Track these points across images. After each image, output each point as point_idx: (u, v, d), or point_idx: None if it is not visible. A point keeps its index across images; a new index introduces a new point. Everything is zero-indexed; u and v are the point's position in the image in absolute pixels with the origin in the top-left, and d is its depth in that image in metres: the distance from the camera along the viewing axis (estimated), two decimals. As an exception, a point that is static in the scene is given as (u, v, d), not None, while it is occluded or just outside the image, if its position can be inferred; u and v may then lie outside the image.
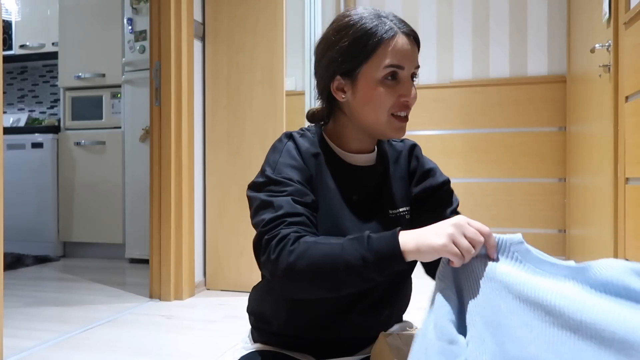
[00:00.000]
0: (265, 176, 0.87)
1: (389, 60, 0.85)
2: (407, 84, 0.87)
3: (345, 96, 0.90)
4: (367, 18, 0.87)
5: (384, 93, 0.86)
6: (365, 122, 0.89)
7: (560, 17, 3.50)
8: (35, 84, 4.61)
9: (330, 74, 0.90)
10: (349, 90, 0.89)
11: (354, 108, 0.90)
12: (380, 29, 0.85)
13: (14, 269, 3.24)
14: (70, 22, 3.67)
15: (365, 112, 0.88)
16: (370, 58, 0.85)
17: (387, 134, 0.90)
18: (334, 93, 0.91)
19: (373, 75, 0.86)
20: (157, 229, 2.48)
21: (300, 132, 0.95)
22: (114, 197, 3.55)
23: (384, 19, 0.87)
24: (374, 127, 0.89)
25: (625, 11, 2.17)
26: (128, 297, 2.51)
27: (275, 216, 0.80)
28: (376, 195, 0.94)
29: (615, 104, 2.26)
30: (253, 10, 2.58)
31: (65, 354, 1.74)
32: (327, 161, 0.92)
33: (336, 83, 0.90)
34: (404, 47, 0.86)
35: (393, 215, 0.94)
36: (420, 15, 3.77)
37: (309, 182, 0.88)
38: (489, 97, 3.59)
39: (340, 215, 0.90)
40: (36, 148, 3.73)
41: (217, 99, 2.64)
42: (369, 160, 0.96)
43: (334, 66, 0.89)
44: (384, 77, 0.86)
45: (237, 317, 2.16)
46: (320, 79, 0.93)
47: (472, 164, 3.59)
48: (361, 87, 0.87)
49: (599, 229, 2.56)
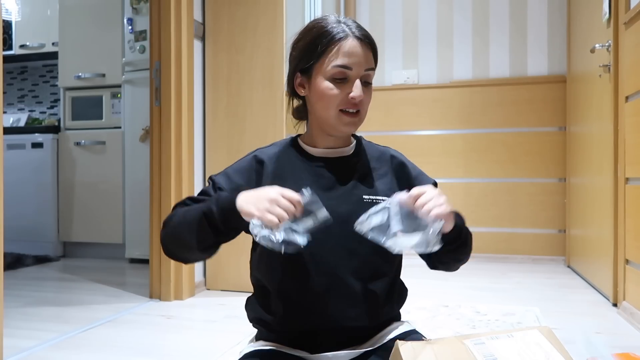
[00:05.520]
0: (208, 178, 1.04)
1: (337, 61, 0.93)
2: (354, 84, 0.94)
3: (304, 92, 1.00)
4: (327, 22, 0.96)
5: (332, 90, 0.94)
6: (319, 116, 0.98)
7: (560, 17, 3.50)
8: (35, 84, 4.61)
9: (292, 70, 1.01)
10: (306, 86, 0.99)
11: (311, 103, 0.99)
12: (334, 31, 0.94)
13: (14, 269, 3.24)
14: (70, 22, 3.67)
15: (319, 107, 0.97)
16: (321, 57, 0.95)
17: (337, 128, 0.97)
18: (296, 88, 1.01)
19: (324, 72, 0.94)
20: (157, 229, 2.48)
21: (269, 145, 1.07)
22: (114, 197, 3.55)
23: (342, 24, 0.96)
24: (326, 121, 0.97)
25: (625, 11, 2.17)
26: (128, 297, 2.51)
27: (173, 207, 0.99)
28: (348, 182, 0.99)
29: (615, 104, 2.26)
30: (253, 10, 2.58)
31: (65, 354, 1.74)
32: (296, 157, 1.02)
33: (297, 80, 1.00)
34: (353, 50, 0.93)
35: (368, 200, 0.97)
36: (420, 15, 3.77)
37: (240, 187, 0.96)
38: (489, 97, 3.59)
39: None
40: (36, 148, 3.73)
41: (217, 99, 2.64)
42: (341, 152, 1.03)
43: (295, 63, 1.00)
44: (332, 75, 0.94)
45: (237, 317, 2.16)
46: (287, 75, 1.04)
47: (472, 164, 3.59)
48: (314, 83, 0.96)
49: (599, 229, 2.56)
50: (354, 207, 0.94)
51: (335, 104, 0.94)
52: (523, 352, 0.76)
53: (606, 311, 2.23)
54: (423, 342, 0.77)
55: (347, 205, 0.95)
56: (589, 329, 1.98)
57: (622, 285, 2.17)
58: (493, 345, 0.77)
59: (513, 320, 2.07)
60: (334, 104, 0.94)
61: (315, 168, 1.00)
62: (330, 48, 0.94)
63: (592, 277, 2.69)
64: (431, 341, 0.78)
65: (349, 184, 0.99)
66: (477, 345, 0.77)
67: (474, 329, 1.95)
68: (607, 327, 2.01)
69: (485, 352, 0.75)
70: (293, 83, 1.01)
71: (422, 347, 0.76)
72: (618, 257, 2.23)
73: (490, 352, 0.75)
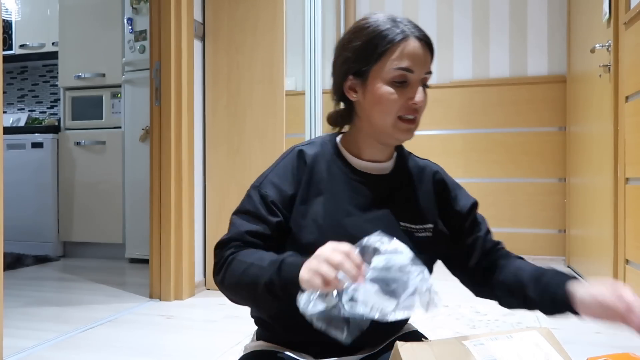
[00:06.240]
0: (252, 187, 0.94)
1: (398, 63, 0.86)
2: (415, 88, 0.88)
3: (357, 96, 0.92)
4: (381, 21, 0.90)
5: (392, 94, 0.87)
6: (373, 123, 0.90)
7: (560, 17, 3.50)
8: (35, 84, 4.61)
9: (344, 73, 0.92)
10: (360, 90, 0.91)
11: (364, 108, 0.91)
12: (393, 31, 0.87)
13: (14, 269, 3.24)
14: (70, 22, 3.67)
15: (374, 113, 0.89)
16: (380, 59, 0.87)
17: (394, 136, 0.90)
18: (346, 92, 0.93)
19: (382, 76, 0.87)
20: (157, 229, 2.48)
21: (308, 142, 0.97)
22: (114, 197, 3.55)
23: (398, 22, 0.89)
24: (381, 128, 0.90)
25: (625, 11, 2.17)
26: (128, 297, 2.51)
27: (224, 239, 0.90)
28: (387, 204, 0.93)
29: (615, 104, 2.26)
30: (253, 10, 2.58)
31: (65, 354, 1.74)
32: (337, 166, 0.94)
33: (349, 83, 0.92)
34: (415, 51, 0.87)
35: (404, 228, 0.93)
36: (420, 15, 3.76)
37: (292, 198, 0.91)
38: (489, 97, 3.59)
39: (347, 220, 0.90)
40: (36, 148, 3.73)
41: (217, 98, 2.64)
42: (382, 169, 0.96)
43: (347, 65, 0.91)
44: (392, 79, 0.87)
45: (237, 317, 2.16)
46: (335, 78, 0.96)
47: (472, 164, 3.59)
48: (371, 87, 0.89)
49: (599, 229, 2.55)
50: (389, 233, 0.88)
51: (395, 110, 0.88)
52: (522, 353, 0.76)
53: (606, 311, 2.23)
54: (423, 343, 0.77)
55: (382, 230, 0.89)
56: (589, 329, 1.98)
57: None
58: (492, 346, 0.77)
59: (513, 320, 2.07)
60: (393, 110, 0.88)
61: (354, 183, 0.93)
62: (392, 49, 0.87)
63: (592, 277, 2.69)
64: (431, 342, 0.78)
65: (386, 206, 0.93)
66: (476, 346, 0.77)
67: (473, 329, 1.95)
68: (607, 327, 2.01)
69: (485, 353, 0.75)
70: (342, 86, 0.93)
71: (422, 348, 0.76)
72: (618, 257, 2.23)
73: (490, 353, 0.75)
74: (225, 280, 0.86)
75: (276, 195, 0.90)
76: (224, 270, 0.86)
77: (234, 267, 0.84)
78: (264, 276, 0.79)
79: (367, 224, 0.90)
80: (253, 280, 0.80)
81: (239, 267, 0.84)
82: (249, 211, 0.91)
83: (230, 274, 0.85)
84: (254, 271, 0.81)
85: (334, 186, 0.92)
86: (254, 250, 0.86)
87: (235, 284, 0.85)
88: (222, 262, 0.87)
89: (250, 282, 0.81)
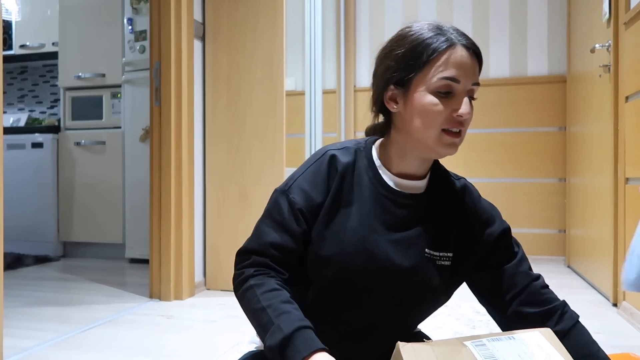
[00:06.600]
0: (279, 191, 0.91)
1: (444, 72, 0.81)
2: (461, 99, 0.82)
3: (397, 107, 0.87)
4: (426, 28, 0.85)
5: (436, 105, 0.82)
6: (414, 136, 0.85)
7: (560, 17, 3.50)
8: (35, 84, 4.61)
9: (385, 82, 0.87)
10: (401, 100, 0.86)
11: (404, 120, 0.86)
12: (438, 39, 0.82)
13: (14, 269, 3.24)
14: (70, 22, 3.67)
15: (416, 125, 0.84)
16: (424, 67, 0.82)
17: (436, 150, 0.84)
18: (387, 103, 0.88)
19: (426, 86, 0.82)
20: (157, 229, 2.48)
21: (341, 146, 0.93)
22: (114, 197, 3.55)
23: (445, 30, 0.84)
24: (423, 141, 0.84)
25: (625, 11, 2.17)
26: (128, 297, 2.51)
27: (248, 249, 0.89)
28: (414, 227, 0.89)
29: (615, 104, 2.26)
30: (253, 10, 2.58)
31: (65, 354, 1.74)
32: (368, 179, 0.90)
33: (389, 93, 0.87)
34: (462, 60, 0.82)
35: (428, 255, 0.88)
36: (420, 15, 3.76)
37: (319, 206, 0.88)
38: (489, 97, 3.59)
39: (370, 237, 0.87)
40: (36, 148, 3.73)
41: (217, 98, 2.64)
42: (414, 188, 0.91)
43: (389, 74, 0.86)
44: (437, 89, 0.82)
45: (237, 317, 2.16)
46: (375, 88, 0.91)
47: (472, 164, 3.59)
48: (413, 97, 0.83)
49: (599, 229, 2.56)
50: (412, 259, 0.87)
51: (439, 122, 0.82)
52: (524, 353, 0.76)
53: (606, 311, 2.23)
54: (424, 343, 0.77)
55: (404, 256, 0.87)
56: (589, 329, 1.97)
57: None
58: (494, 347, 0.77)
59: (513, 320, 2.07)
60: (438, 122, 0.82)
61: (383, 199, 0.88)
62: (437, 57, 0.81)
63: (592, 277, 2.69)
64: (432, 342, 0.78)
65: (413, 229, 0.88)
66: (478, 346, 0.77)
67: (473, 329, 1.95)
68: (607, 327, 2.01)
69: (486, 353, 0.75)
70: (382, 97, 0.88)
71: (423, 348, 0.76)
72: (618, 257, 2.23)
73: (491, 353, 0.75)
74: (241, 302, 0.87)
75: (304, 203, 0.87)
76: (241, 292, 0.86)
77: (250, 298, 0.84)
78: (270, 338, 0.77)
79: (391, 245, 0.87)
80: (262, 328, 0.80)
81: (253, 302, 0.83)
82: (275, 219, 0.88)
83: (246, 301, 0.85)
84: (264, 320, 0.80)
85: (362, 200, 0.88)
86: (271, 286, 0.84)
87: (247, 314, 0.85)
88: (241, 280, 0.87)
89: (259, 327, 0.81)
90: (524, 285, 0.91)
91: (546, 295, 0.91)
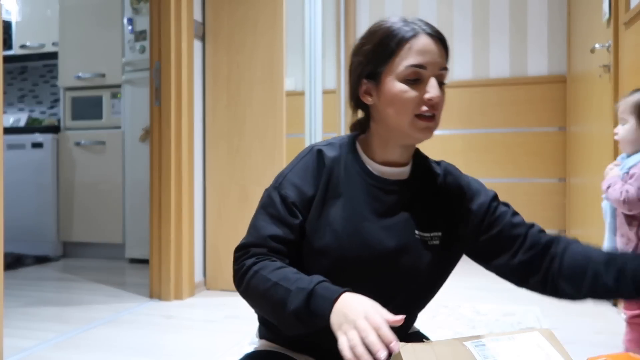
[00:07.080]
0: (271, 188, 0.93)
1: (410, 60, 0.85)
2: (430, 84, 0.86)
3: (372, 99, 0.90)
4: (392, 22, 0.89)
5: (406, 92, 0.85)
6: (390, 124, 0.88)
7: (560, 17, 3.50)
8: (35, 84, 4.61)
9: (358, 77, 0.91)
10: (374, 92, 0.90)
11: (380, 110, 0.89)
12: (403, 30, 0.87)
13: (14, 269, 3.24)
14: (70, 22, 3.67)
15: (390, 113, 0.87)
16: (392, 58, 0.86)
17: (412, 135, 0.88)
18: (362, 97, 0.92)
19: (395, 75, 0.86)
20: (157, 229, 2.48)
21: (326, 143, 0.96)
22: (114, 197, 3.55)
23: (409, 22, 0.88)
24: (398, 128, 0.88)
25: (625, 11, 2.17)
26: (128, 297, 2.51)
27: (246, 243, 0.89)
28: (403, 211, 0.92)
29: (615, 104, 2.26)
30: (253, 10, 2.58)
31: (65, 354, 1.74)
32: (354, 170, 0.92)
33: (364, 87, 0.91)
34: (426, 47, 0.85)
35: (419, 236, 0.91)
36: (420, 15, 3.76)
37: (311, 199, 0.90)
38: (489, 97, 3.59)
39: (363, 225, 0.89)
40: (36, 148, 3.73)
41: (217, 98, 2.64)
42: (399, 174, 0.94)
43: (360, 69, 0.91)
44: (405, 77, 0.85)
45: (237, 317, 2.16)
46: (350, 85, 0.94)
47: (472, 164, 3.59)
48: (384, 88, 0.87)
49: (599, 229, 2.55)
50: (404, 242, 0.89)
51: (411, 108, 0.85)
52: (524, 354, 0.76)
53: (606, 311, 2.23)
54: (424, 343, 0.77)
55: (397, 239, 0.89)
56: (589, 329, 1.98)
57: (622, 285, 2.17)
58: (494, 347, 0.77)
59: (513, 320, 2.07)
60: (409, 108, 0.85)
61: (371, 188, 0.91)
62: (401, 47, 0.85)
63: None
64: (432, 343, 0.78)
65: (403, 213, 0.92)
66: (478, 347, 0.77)
67: (473, 329, 1.95)
68: (607, 327, 2.01)
69: (486, 354, 0.75)
70: (358, 92, 0.92)
71: (423, 348, 0.76)
72: (618, 257, 2.22)
73: (491, 354, 0.75)
74: (248, 293, 0.85)
75: (296, 197, 0.89)
76: (245, 283, 0.85)
77: (258, 282, 0.82)
78: (292, 302, 0.77)
79: (383, 231, 0.89)
80: (279, 302, 0.79)
81: (263, 284, 0.82)
82: (271, 213, 0.89)
83: (253, 287, 0.83)
84: (280, 293, 0.79)
85: (351, 190, 0.91)
86: (276, 265, 0.84)
87: (259, 300, 0.83)
88: (243, 271, 0.86)
89: (275, 303, 0.79)
90: (524, 233, 0.94)
91: (547, 237, 0.95)
